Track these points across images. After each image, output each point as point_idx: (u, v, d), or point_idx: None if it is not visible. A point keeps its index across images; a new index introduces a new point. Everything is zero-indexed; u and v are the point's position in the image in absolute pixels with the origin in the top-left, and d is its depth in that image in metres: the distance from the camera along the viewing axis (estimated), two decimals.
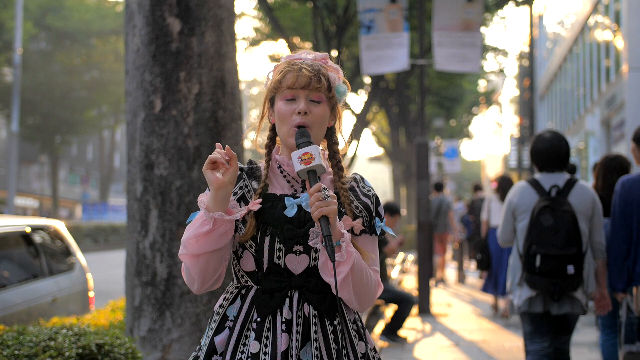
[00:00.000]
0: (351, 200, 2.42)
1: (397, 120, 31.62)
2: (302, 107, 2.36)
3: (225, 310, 2.38)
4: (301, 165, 2.24)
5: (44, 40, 43.92)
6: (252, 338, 2.29)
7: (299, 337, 2.29)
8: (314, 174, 2.25)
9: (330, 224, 2.21)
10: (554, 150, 4.94)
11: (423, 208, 12.10)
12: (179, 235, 4.98)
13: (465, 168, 68.31)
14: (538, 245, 4.72)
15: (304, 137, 2.31)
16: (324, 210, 2.19)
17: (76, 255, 8.09)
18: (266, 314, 2.31)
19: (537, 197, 4.86)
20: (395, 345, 8.75)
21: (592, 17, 26.88)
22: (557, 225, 4.69)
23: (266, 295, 2.32)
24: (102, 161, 55.57)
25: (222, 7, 5.26)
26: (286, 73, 2.39)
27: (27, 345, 3.77)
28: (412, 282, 14.76)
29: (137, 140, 5.12)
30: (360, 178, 2.53)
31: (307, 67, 2.38)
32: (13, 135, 25.11)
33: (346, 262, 2.26)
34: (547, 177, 4.94)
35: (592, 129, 25.94)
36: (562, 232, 4.67)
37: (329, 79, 2.44)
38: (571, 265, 4.66)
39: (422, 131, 12.95)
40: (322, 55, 2.50)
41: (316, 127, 2.39)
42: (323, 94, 2.41)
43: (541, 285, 4.74)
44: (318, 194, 2.20)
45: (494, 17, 25.29)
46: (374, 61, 12.45)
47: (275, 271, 2.34)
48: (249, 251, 2.36)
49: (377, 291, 2.40)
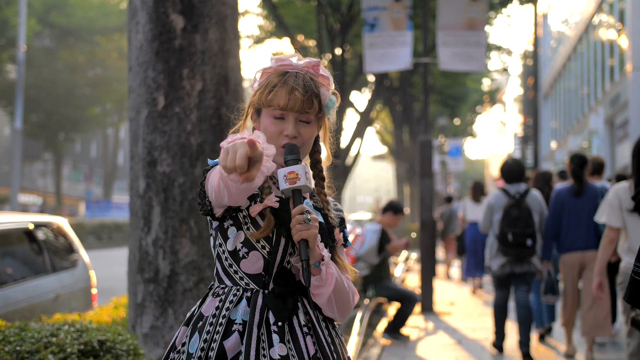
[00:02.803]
0: (329, 210, 2.44)
1: (401, 118, 31.58)
2: (291, 131, 2.32)
3: (230, 314, 2.28)
4: (286, 184, 2.18)
5: (47, 38, 43.97)
6: (277, 341, 2.24)
7: (319, 340, 2.31)
8: (299, 194, 2.20)
9: (310, 247, 2.19)
10: (515, 170, 7.83)
11: (426, 206, 12.08)
12: (181, 232, 4.98)
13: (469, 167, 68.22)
14: (509, 227, 7.50)
15: (292, 154, 2.24)
16: (303, 234, 2.16)
17: (79, 252, 8.09)
18: (285, 318, 2.27)
19: (507, 199, 7.71)
20: (398, 344, 8.74)
21: (597, 16, 26.83)
22: (520, 215, 7.51)
23: (279, 300, 2.28)
24: (105, 159, 55.60)
25: (225, 4, 5.26)
26: (277, 91, 2.32)
27: (29, 341, 3.77)
28: (415, 281, 14.75)
29: (140, 137, 5.12)
30: None
31: (300, 89, 2.32)
32: (17, 132, 25.13)
33: (328, 285, 2.28)
34: (512, 187, 7.81)
35: (596, 128, 25.92)
36: (522, 219, 7.50)
37: (320, 99, 2.37)
38: (529, 239, 7.44)
39: (425, 129, 12.93)
40: (314, 62, 2.41)
41: (305, 146, 2.37)
42: (313, 116, 2.37)
43: (511, 253, 7.52)
44: (300, 217, 2.16)
45: (498, 15, 25.21)
46: (376, 59, 12.43)
47: (283, 275, 2.31)
48: (260, 252, 2.30)
49: (355, 300, 2.44)
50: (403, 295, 9.05)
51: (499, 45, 31.35)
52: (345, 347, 2.46)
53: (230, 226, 2.33)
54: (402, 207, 9.86)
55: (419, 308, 11.18)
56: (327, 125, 2.49)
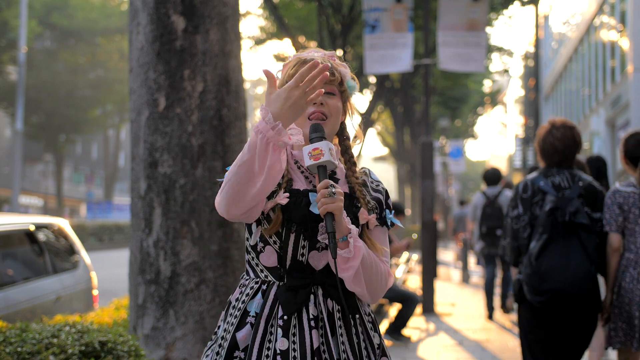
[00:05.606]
0: (364, 195, 2.44)
1: (402, 120, 31.59)
2: (317, 98, 2.33)
3: (246, 306, 2.36)
4: (310, 160, 2.24)
5: (48, 39, 43.99)
6: (280, 335, 2.28)
7: (326, 333, 2.31)
8: (324, 170, 2.25)
9: (336, 220, 2.22)
10: (492, 176, 10.96)
11: (427, 208, 12.07)
12: (182, 233, 4.98)
13: (470, 168, 68.17)
14: (484, 221, 10.70)
15: (317, 132, 2.30)
16: (329, 207, 2.19)
17: (80, 254, 8.09)
18: (292, 312, 2.30)
19: (485, 199, 10.81)
20: (399, 345, 8.73)
21: (598, 17, 26.83)
22: (492, 212, 10.54)
23: (290, 293, 2.32)
24: (106, 160, 55.59)
25: (226, 5, 5.25)
26: (299, 67, 2.40)
27: (30, 342, 3.76)
28: (417, 282, 14.74)
29: (141, 138, 5.11)
30: (369, 172, 2.56)
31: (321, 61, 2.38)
32: (17, 133, 25.12)
33: (355, 257, 2.28)
34: (490, 189, 10.88)
35: (597, 129, 25.91)
36: (494, 215, 10.48)
37: (340, 72, 2.47)
38: (499, 230, 10.29)
39: (427, 131, 12.93)
40: (330, 53, 2.53)
41: (333, 117, 2.43)
42: (336, 87, 2.45)
43: (486, 239, 10.76)
44: (324, 191, 2.20)
45: (499, 17, 25.22)
46: (377, 61, 12.42)
47: (299, 268, 2.34)
48: (273, 247, 2.35)
49: (389, 281, 2.44)
50: (404, 296, 9.04)
51: (500, 46, 31.36)
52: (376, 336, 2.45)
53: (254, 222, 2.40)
54: (403, 208, 9.86)
55: (420, 309, 11.18)
56: (352, 107, 2.57)
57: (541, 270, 4.46)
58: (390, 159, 46.04)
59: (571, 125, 4.76)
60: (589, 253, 4.47)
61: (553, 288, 4.41)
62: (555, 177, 4.68)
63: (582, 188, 4.62)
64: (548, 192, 4.62)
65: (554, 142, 4.70)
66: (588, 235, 4.51)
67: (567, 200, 4.56)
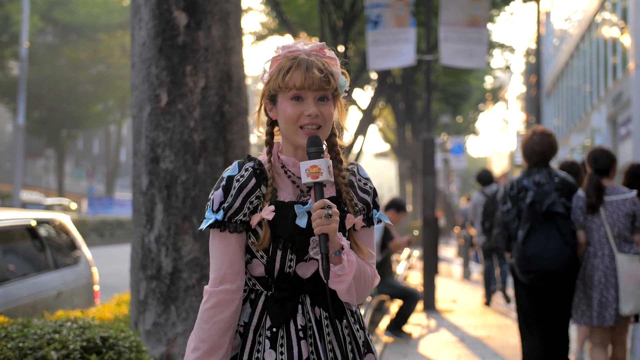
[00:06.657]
0: (351, 197, 2.39)
1: (404, 116, 31.56)
2: (313, 110, 2.28)
3: None
4: (308, 178, 2.21)
5: (50, 34, 43.94)
6: (268, 347, 2.27)
7: (315, 341, 2.29)
8: (320, 187, 2.22)
9: (330, 240, 2.20)
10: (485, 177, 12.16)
11: (429, 204, 12.07)
12: (184, 229, 4.98)
13: (471, 164, 68.11)
14: (485, 218, 11.36)
15: (315, 146, 2.24)
16: (324, 228, 2.17)
17: (81, 249, 8.09)
18: (280, 324, 2.29)
19: (484, 198, 11.68)
20: (400, 341, 8.74)
21: (599, 14, 26.80)
22: (493, 209, 10.33)
23: (278, 304, 2.30)
24: (108, 155, 55.59)
25: (228, 1, 5.25)
26: (292, 72, 2.29)
27: (32, 337, 3.77)
28: (418, 278, 14.75)
29: (143, 134, 5.11)
30: (357, 169, 2.47)
31: (315, 68, 2.30)
32: (19, 128, 25.09)
33: (349, 273, 2.26)
34: (487, 188, 11.86)
35: (599, 126, 25.88)
36: (492, 212, 10.46)
37: (334, 76, 2.37)
38: None
39: (428, 127, 12.93)
40: (320, 46, 2.42)
41: (327, 124, 2.34)
42: (330, 93, 2.35)
43: (489, 234, 11.36)
44: (321, 211, 2.17)
45: (501, 13, 25.18)
46: (380, 56, 12.42)
47: (286, 279, 2.32)
48: (260, 260, 2.32)
49: (375, 282, 2.42)
50: (405, 292, 9.04)
51: (501, 43, 31.33)
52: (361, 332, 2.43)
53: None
54: (404, 204, 9.86)
55: (421, 306, 11.18)
56: (342, 105, 2.46)
57: (527, 254, 5.44)
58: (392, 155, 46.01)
59: (549, 132, 5.75)
60: (565, 236, 5.42)
61: (538, 268, 5.41)
62: (535, 175, 5.65)
63: (558, 183, 5.58)
64: (530, 188, 5.58)
65: (533, 146, 5.69)
66: (564, 221, 5.48)
67: (545, 194, 5.50)
